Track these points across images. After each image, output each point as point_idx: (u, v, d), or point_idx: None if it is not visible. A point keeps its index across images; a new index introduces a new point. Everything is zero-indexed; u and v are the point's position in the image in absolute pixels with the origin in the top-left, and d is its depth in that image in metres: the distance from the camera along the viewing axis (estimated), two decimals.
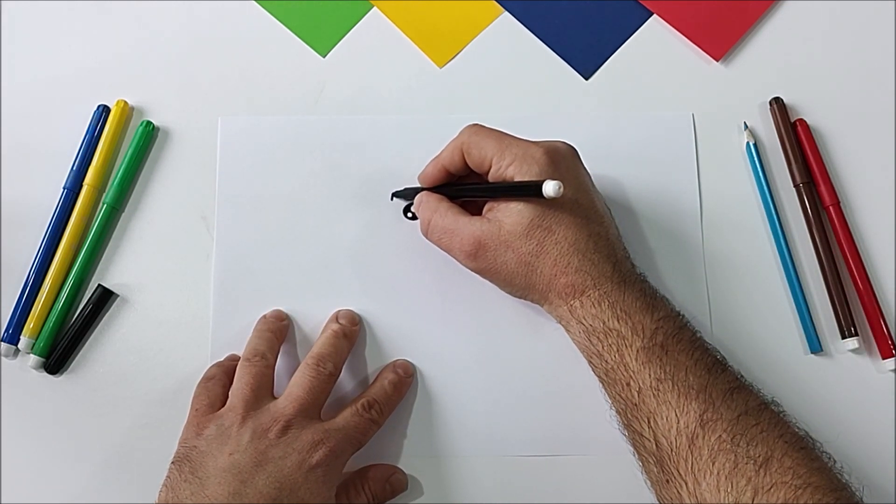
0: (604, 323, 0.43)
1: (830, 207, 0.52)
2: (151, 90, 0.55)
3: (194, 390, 0.47)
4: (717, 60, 0.56)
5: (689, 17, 0.56)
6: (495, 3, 0.57)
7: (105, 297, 0.51)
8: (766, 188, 0.53)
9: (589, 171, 0.47)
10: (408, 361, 0.50)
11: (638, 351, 0.42)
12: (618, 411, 0.44)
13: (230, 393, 0.46)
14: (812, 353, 0.51)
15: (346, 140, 0.54)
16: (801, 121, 0.54)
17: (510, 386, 0.50)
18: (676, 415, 0.40)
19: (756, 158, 0.53)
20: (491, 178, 0.46)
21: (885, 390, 0.50)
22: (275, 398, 0.46)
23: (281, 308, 0.51)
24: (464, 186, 0.49)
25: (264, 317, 0.50)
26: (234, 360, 0.49)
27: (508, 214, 0.44)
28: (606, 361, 0.43)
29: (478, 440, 0.50)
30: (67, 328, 0.51)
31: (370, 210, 0.53)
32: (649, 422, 0.41)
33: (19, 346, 0.51)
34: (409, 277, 0.52)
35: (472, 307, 0.51)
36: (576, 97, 0.55)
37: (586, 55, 0.56)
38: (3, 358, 0.51)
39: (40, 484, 0.49)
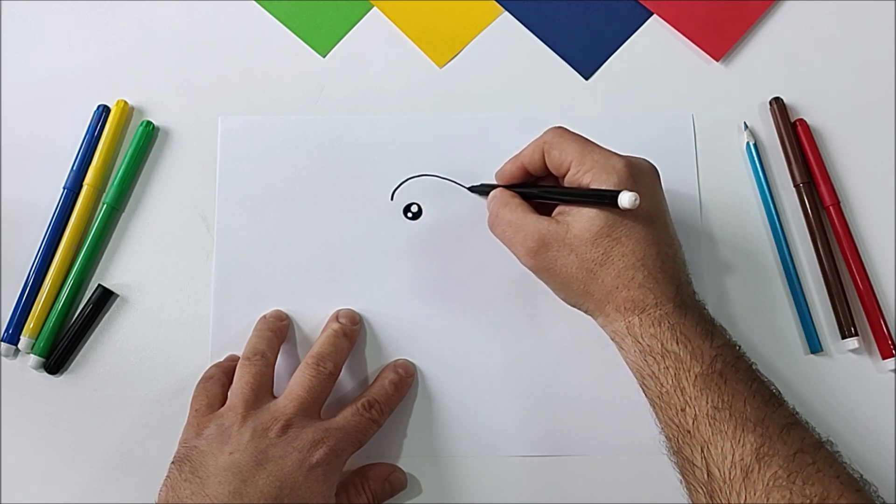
0: (662, 344, 0.42)
1: (830, 207, 0.52)
2: (151, 90, 0.55)
3: (193, 390, 0.47)
4: (717, 60, 0.56)
5: (689, 17, 0.56)
6: (495, 3, 0.57)
7: (105, 297, 0.51)
8: (766, 188, 0.53)
9: None
10: (408, 361, 0.50)
11: (696, 377, 0.41)
12: (667, 436, 0.43)
13: (230, 392, 0.46)
14: (812, 353, 0.51)
15: (346, 140, 0.54)
16: (801, 121, 0.54)
17: (510, 386, 0.50)
18: (732, 446, 0.39)
19: (756, 158, 0.53)
20: (567, 182, 0.45)
21: (885, 390, 0.50)
22: (275, 397, 0.46)
23: (281, 308, 0.51)
24: (539, 187, 0.48)
25: (264, 317, 0.50)
26: (233, 360, 0.49)
27: (579, 219, 0.43)
28: (662, 384, 0.42)
29: (478, 440, 0.50)
30: (67, 328, 0.51)
31: (370, 210, 0.53)
32: (702, 450, 0.40)
33: (19, 346, 0.51)
34: (409, 277, 0.52)
35: (473, 307, 0.51)
36: (576, 97, 0.55)
37: (586, 55, 0.56)
38: (3, 358, 0.51)
39: (40, 484, 0.49)
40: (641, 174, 0.44)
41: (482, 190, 0.51)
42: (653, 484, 0.49)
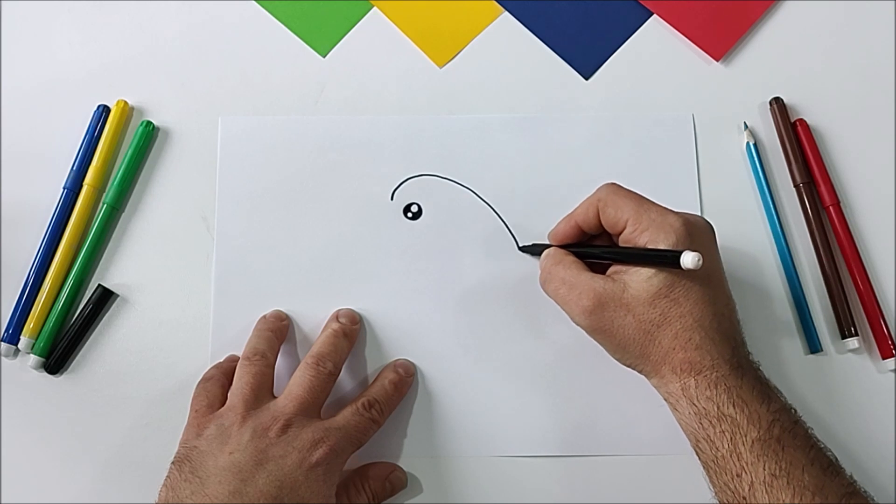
0: (718, 407, 0.41)
1: (830, 207, 0.52)
2: (151, 90, 0.55)
3: (193, 391, 0.47)
4: (717, 60, 0.56)
5: (689, 17, 0.56)
6: (495, 3, 0.57)
7: (105, 297, 0.51)
8: (766, 188, 0.53)
9: (587, 171, 0.47)
10: (408, 361, 0.50)
11: (753, 442, 0.40)
12: (722, 502, 0.42)
13: (230, 392, 0.46)
14: (812, 353, 0.51)
15: (346, 140, 0.54)
16: (801, 121, 0.54)
17: (511, 386, 0.50)
18: None
19: (756, 158, 0.53)
20: (622, 240, 0.44)
21: (885, 390, 0.50)
22: (275, 397, 0.46)
23: (281, 308, 0.51)
24: (596, 247, 0.47)
25: (264, 317, 0.50)
26: (233, 360, 0.49)
27: (637, 279, 0.42)
28: (717, 449, 0.41)
29: (478, 440, 0.50)
30: (67, 328, 0.51)
31: (370, 210, 0.53)
32: None
33: (19, 346, 0.51)
34: (409, 277, 0.52)
35: (473, 307, 0.51)
36: (576, 97, 0.55)
37: (586, 55, 0.56)
38: (3, 358, 0.51)
39: (40, 484, 0.49)
40: (698, 232, 0.44)
41: (535, 251, 0.51)
42: (654, 484, 0.49)
